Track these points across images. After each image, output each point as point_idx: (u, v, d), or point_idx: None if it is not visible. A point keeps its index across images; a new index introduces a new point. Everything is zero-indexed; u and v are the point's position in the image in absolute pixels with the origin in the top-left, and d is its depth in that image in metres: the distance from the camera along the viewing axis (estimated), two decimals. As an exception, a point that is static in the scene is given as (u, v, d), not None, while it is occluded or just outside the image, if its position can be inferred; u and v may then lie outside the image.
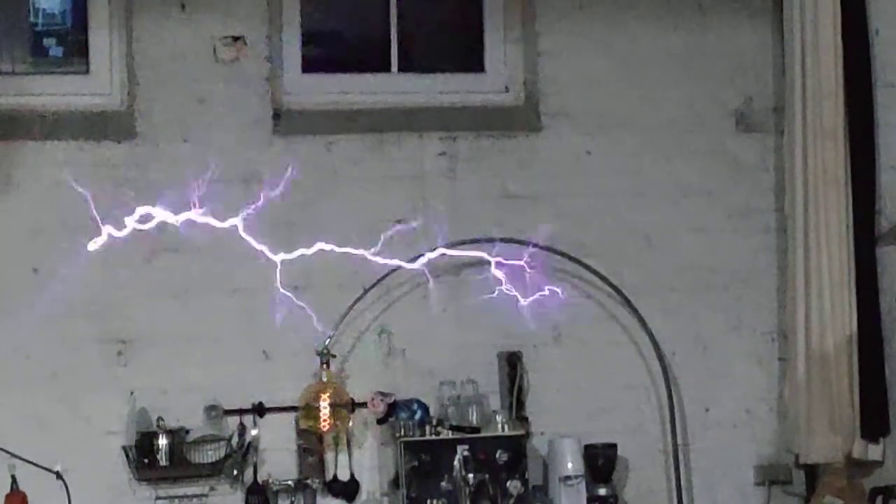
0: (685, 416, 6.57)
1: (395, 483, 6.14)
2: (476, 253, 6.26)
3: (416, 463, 6.04)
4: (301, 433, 6.18)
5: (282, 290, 6.21)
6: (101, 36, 6.32)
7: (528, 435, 6.28)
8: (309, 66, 6.59)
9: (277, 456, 6.18)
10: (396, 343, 6.37)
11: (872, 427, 6.30)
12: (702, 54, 6.77)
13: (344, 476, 6.22)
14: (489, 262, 6.26)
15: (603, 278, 6.43)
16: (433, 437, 6.11)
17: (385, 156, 6.47)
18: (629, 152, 6.67)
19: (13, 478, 5.85)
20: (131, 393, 6.11)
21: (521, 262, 6.19)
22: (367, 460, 6.27)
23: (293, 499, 6.13)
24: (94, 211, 5.79)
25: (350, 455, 6.23)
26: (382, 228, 6.36)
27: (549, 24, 6.62)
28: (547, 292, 6.16)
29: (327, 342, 6.11)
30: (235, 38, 6.33)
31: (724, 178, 6.75)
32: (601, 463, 6.28)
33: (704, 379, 6.63)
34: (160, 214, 5.96)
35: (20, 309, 5.95)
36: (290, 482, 6.12)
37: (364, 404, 6.17)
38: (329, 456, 6.23)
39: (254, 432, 6.13)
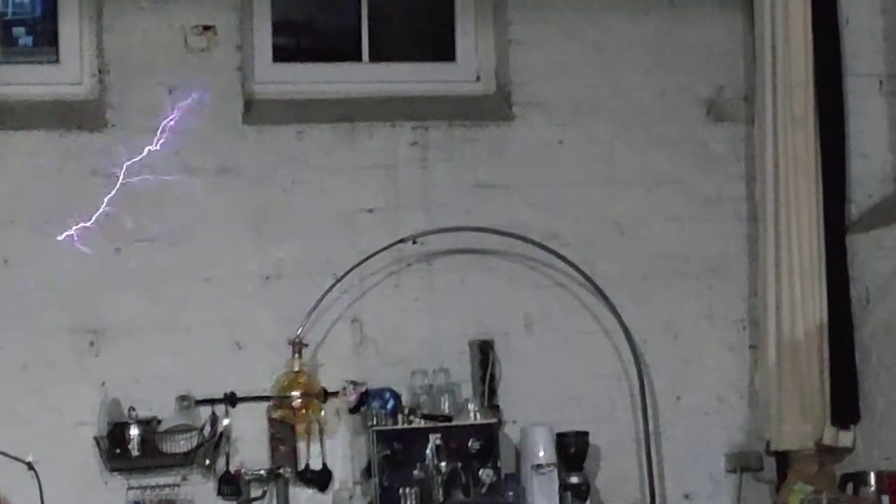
0: (657, 404, 6.58)
1: (367, 472, 6.15)
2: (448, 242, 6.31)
3: (388, 452, 6.04)
4: (273, 422, 6.18)
5: (253, 279, 6.23)
6: (71, 25, 6.30)
7: (500, 423, 6.28)
8: (280, 55, 6.59)
9: (250, 445, 6.17)
10: (368, 332, 6.36)
11: (843, 414, 6.34)
12: (673, 44, 6.78)
13: (316, 465, 6.22)
14: (461, 252, 6.31)
15: (575, 267, 6.43)
16: (405, 425, 6.11)
17: (356, 145, 6.46)
18: (601, 141, 6.68)
19: (-16, 468, 5.85)
20: (103, 383, 6.08)
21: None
22: (340, 449, 6.27)
23: (265, 488, 6.12)
24: (65, 201, 5.79)
25: (322, 444, 6.22)
26: (354, 218, 6.39)
27: (520, 14, 6.62)
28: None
29: (299, 331, 6.10)
30: (206, 28, 6.32)
31: (695, 166, 6.77)
32: (573, 451, 6.29)
33: (676, 367, 6.65)
34: (131, 204, 5.97)
35: (-9, 300, 5.94)
36: (262, 472, 6.10)
37: (336, 393, 6.17)
38: (301, 445, 6.22)
39: (226, 422, 6.11)
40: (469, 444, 6.09)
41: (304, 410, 6.06)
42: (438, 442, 6.06)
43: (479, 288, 6.49)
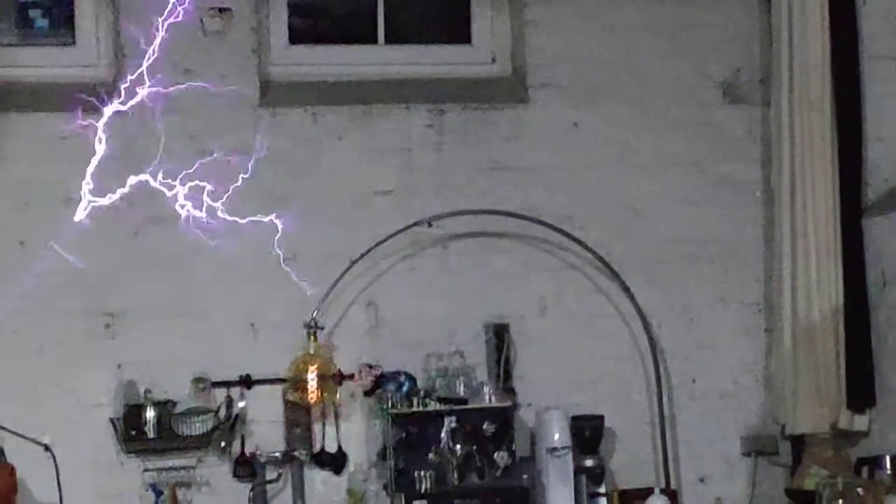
0: (671, 388, 6.59)
1: (382, 455, 6.15)
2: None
3: (403, 435, 6.05)
4: (288, 405, 6.18)
5: (269, 262, 6.23)
6: (87, 7, 6.30)
7: (515, 406, 6.28)
8: (296, 37, 6.58)
9: (265, 428, 6.18)
10: (383, 315, 6.37)
11: (858, 398, 6.33)
12: (689, 26, 6.77)
13: (331, 448, 6.23)
14: (476, 234, 6.32)
15: (590, 250, 6.43)
16: (420, 408, 6.11)
17: (372, 127, 6.46)
18: (616, 124, 6.67)
19: (1, 450, 5.84)
20: (119, 366, 6.10)
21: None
22: (355, 432, 6.28)
23: (281, 470, 6.13)
24: (81, 184, 5.78)
25: (338, 427, 6.23)
26: (369, 200, 6.39)
27: (535, -5, 6.63)
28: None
29: (314, 314, 6.11)
30: (222, 10, 6.32)
31: (710, 149, 6.76)
32: (588, 434, 6.29)
33: (691, 350, 6.65)
34: (147, 187, 5.96)
35: (7, 282, 5.93)
36: (277, 454, 6.12)
37: (351, 376, 6.18)
38: (316, 428, 6.23)
39: (241, 404, 6.12)
40: (484, 427, 6.09)
41: (319, 393, 6.06)
42: (453, 425, 6.06)
43: (494, 271, 6.50)
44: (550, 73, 6.62)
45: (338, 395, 6.16)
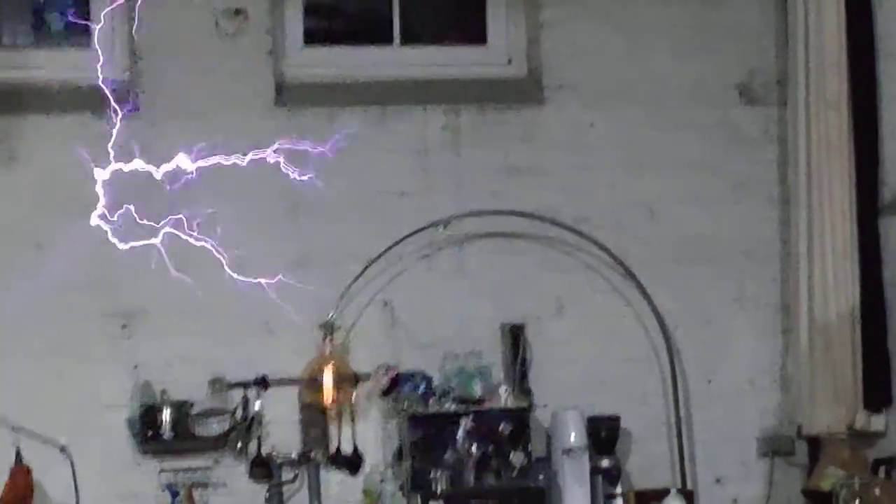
0: (688, 388, 6.58)
1: (398, 455, 6.16)
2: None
3: (419, 435, 6.05)
4: (304, 406, 6.19)
5: (285, 262, 6.24)
6: (102, 9, 6.30)
7: (531, 407, 6.28)
8: (311, 38, 6.59)
9: (281, 429, 6.19)
10: (399, 315, 6.37)
11: (875, 398, 6.32)
12: (705, 26, 6.76)
13: (347, 449, 6.23)
14: (492, 235, 6.33)
15: (606, 250, 6.43)
16: (437, 409, 6.12)
17: (387, 129, 6.46)
18: (632, 125, 6.66)
19: (18, 451, 5.85)
20: (135, 366, 6.12)
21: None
22: (371, 433, 6.28)
23: (297, 471, 6.13)
24: (97, 185, 5.80)
25: (353, 428, 6.23)
26: (385, 201, 6.39)
27: (550, -4, 6.63)
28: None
29: (331, 315, 6.11)
30: (237, 12, 6.32)
31: (727, 150, 6.75)
32: (604, 435, 6.29)
33: (707, 351, 6.64)
34: (162, 188, 5.98)
35: (24, 284, 5.94)
36: (293, 455, 6.13)
37: (367, 377, 6.18)
38: (332, 429, 6.23)
39: (257, 405, 6.13)
40: (500, 427, 6.10)
41: (335, 394, 6.07)
42: (470, 425, 6.07)
43: (509, 271, 6.50)
44: (566, 73, 6.62)
45: (354, 396, 6.16)
